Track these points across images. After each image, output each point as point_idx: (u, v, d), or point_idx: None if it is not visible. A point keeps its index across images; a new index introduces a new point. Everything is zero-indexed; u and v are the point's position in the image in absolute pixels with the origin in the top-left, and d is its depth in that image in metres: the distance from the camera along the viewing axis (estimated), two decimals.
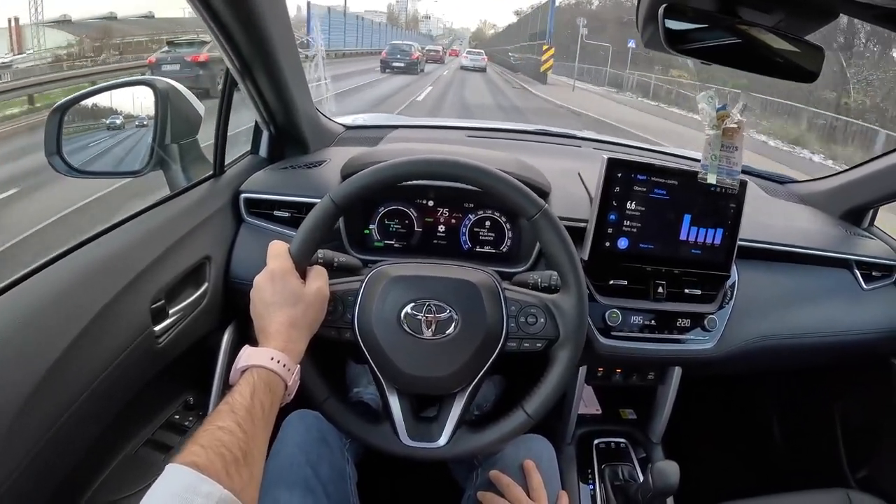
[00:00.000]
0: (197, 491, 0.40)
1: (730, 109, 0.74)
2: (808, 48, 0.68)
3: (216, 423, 0.46)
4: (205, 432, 0.45)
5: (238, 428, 0.46)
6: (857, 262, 0.97)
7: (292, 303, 0.58)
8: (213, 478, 0.41)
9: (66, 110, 0.79)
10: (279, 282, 0.59)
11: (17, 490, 0.47)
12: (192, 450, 0.43)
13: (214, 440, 0.45)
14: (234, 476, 0.43)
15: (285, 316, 0.57)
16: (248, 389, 0.50)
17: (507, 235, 0.89)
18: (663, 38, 0.64)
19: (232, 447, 0.45)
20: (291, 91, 0.85)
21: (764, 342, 0.87)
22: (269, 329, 0.57)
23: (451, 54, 44.82)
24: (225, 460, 0.43)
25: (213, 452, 0.43)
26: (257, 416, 0.49)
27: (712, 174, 0.75)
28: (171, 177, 0.85)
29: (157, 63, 7.22)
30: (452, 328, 0.63)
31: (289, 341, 0.56)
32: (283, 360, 0.54)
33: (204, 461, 0.42)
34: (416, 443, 0.65)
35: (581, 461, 0.92)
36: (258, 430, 0.49)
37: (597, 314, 0.81)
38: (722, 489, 0.84)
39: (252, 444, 0.47)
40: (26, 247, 2.61)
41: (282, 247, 0.62)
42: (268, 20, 0.70)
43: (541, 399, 0.65)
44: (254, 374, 0.52)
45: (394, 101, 9.81)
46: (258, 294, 0.59)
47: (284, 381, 0.54)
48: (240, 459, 0.45)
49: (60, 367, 0.52)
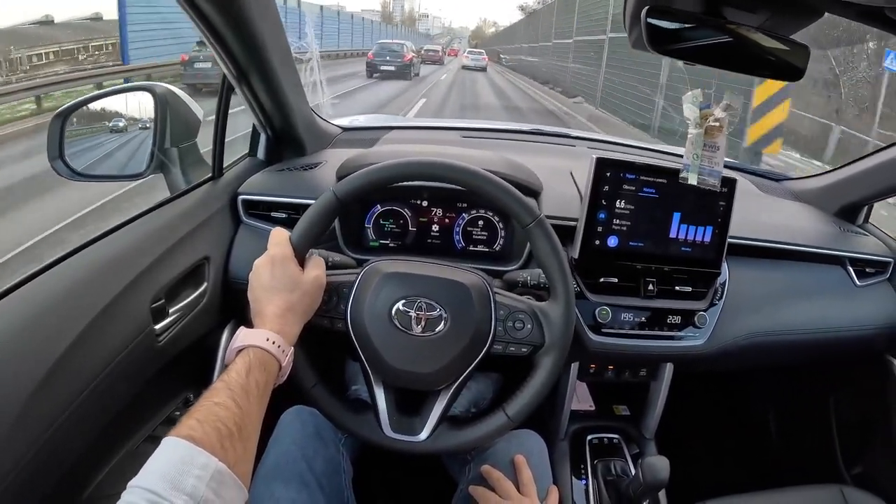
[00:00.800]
0: (193, 462, 0.42)
1: (713, 108, 0.75)
2: (794, 46, 0.69)
3: (212, 399, 0.48)
4: (201, 407, 0.47)
5: (234, 403, 0.48)
6: (851, 258, 0.98)
7: (290, 288, 0.60)
8: (209, 450, 0.43)
9: (69, 116, 0.81)
10: (279, 267, 0.61)
11: (19, 486, 0.48)
12: (188, 423, 0.45)
13: (210, 415, 0.46)
14: (229, 449, 0.45)
15: (282, 300, 0.59)
16: (244, 367, 0.52)
17: (500, 235, 0.90)
18: (646, 39, 0.64)
19: (227, 422, 0.46)
20: (287, 94, 0.87)
21: (755, 339, 0.88)
22: (266, 311, 0.58)
23: (450, 54, 42.77)
24: (220, 434, 0.45)
25: (209, 426, 0.45)
26: (252, 393, 0.51)
27: (693, 174, 0.75)
28: (171, 179, 0.87)
29: (189, 60, 7.48)
30: (441, 326, 0.64)
31: (284, 324, 0.58)
32: (277, 342, 0.56)
33: (200, 434, 0.44)
34: (398, 435, 0.66)
35: (574, 457, 0.93)
36: (253, 407, 0.50)
37: (587, 311, 0.82)
38: (715, 485, 0.84)
39: (247, 420, 0.48)
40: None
41: (283, 234, 0.65)
42: (258, 25, 0.72)
43: (522, 402, 0.66)
44: (249, 354, 0.54)
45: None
46: (257, 278, 0.61)
47: (279, 361, 0.56)
48: (234, 434, 0.46)
49: (62, 366, 0.53)
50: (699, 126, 0.77)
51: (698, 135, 0.77)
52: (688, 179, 0.77)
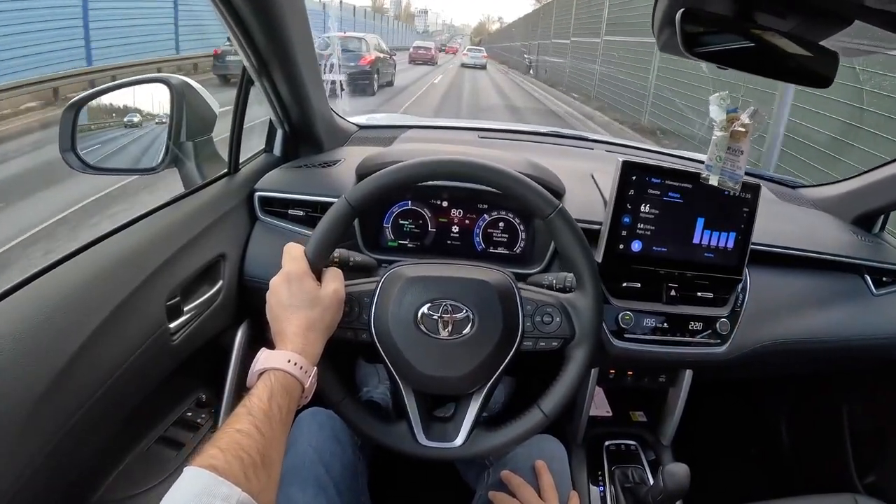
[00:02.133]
0: (215, 493, 0.40)
1: (740, 113, 0.74)
2: (823, 53, 0.69)
3: (234, 427, 0.46)
4: (223, 435, 0.46)
5: (256, 431, 0.47)
6: (868, 267, 0.97)
7: (309, 305, 0.58)
8: (232, 481, 0.41)
9: (81, 107, 0.79)
10: (295, 284, 0.59)
11: (31, 486, 0.47)
12: (210, 453, 0.43)
13: (233, 443, 0.45)
14: (253, 479, 0.43)
15: (302, 318, 0.57)
16: (266, 393, 0.50)
17: (521, 237, 0.89)
18: (681, 42, 0.64)
19: (250, 450, 0.45)
20: (307, 89, 0.85)
21: (775, 346, 0.87)
22: (286, 332, 0.57)
23: (448, 52, 40.38)
24: (243, 463, 0.43)
25: (232, 455, 0.43)
26: (275, 419, 0.49)
27: (715, 175, 0.75)
28: (186, 174, 0.86)
29: (221, 53, 7.61)
30: (469, 328, 0.63)
31: (306, 344, 0.56)
32: (300, 363, 0.54)
33: (222, 464, 0.42)
34: (432, 443, 0.65)
35: (591, 463, 0.92)
36: (276, 433, 0.49)
37: (610, 317, 0.81)
38: (730, 492, 0.84)
39: (270, 448, 0.47)
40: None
41: (297, 249, 0.62)
42: (287, 17, 0.70)
43: (557, 397, 0.65)
44: (271, 377, 0.52)
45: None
46: (274, 297, 0.59)
47: (301, 383, 0.54)
48: (258, 463, 0.45)
49: (76, 364, 0.52)
50: (724, 129, 0.77)
51: (723, 137, 0.77)
52: (709, 180, 0.77)
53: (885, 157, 1.12)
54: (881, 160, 1.08)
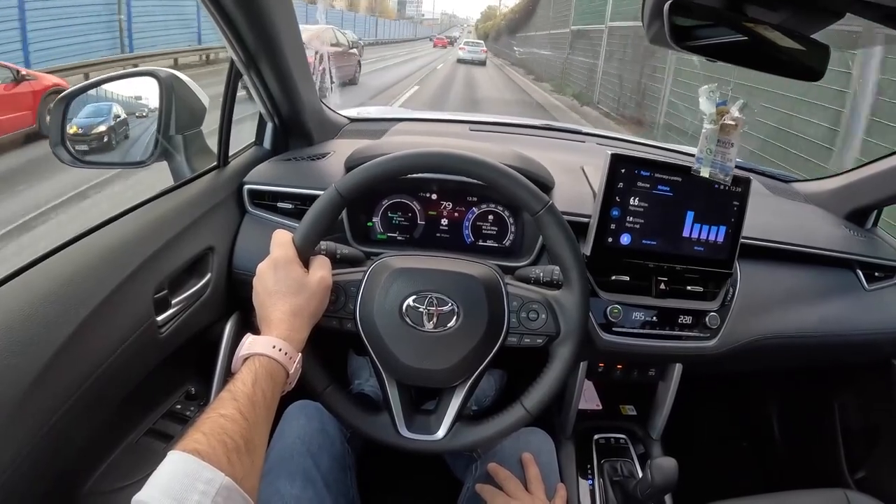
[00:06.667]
0: (198, 477, 0.41)
1: (729, 106, 0.74)
2: (814, 46, 0.68)
3: (218, 411, 0.47)
4: (207, 420, 0.46)
5: (240, 415, 0.47)
6: (860, 262, 0.97)
7: (295, 291, 0.58)
8: (215, 465, 0.42)
9: (71, 101, 0.79)
10: (282, 270, 0.59)
11: (18, 478, 0.47)
12: (194, 437, 0.44)
13: (216, 427, 0.45)
14: (236, 463, 0.44)
15: (288, 304, 0.57)
16: (250, 377, 0.51)
17: (510, 230, 0.89)
18: (669, 34, 0.63)
19: (234, 435, 0.45)
20: (296, 82, 0.85)
21: (765, 341, 0.87)
22: (272, 317, 0.57)
23: (436, 44, 34.58)
24: (227, 447, 0.44)
25: (215, 440, 0.44)
26: (259, 404, 0.49)
27: (706, 168, 0.75)
28: (176, 167, 0.85)
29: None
30: (454, 321, 0.63)
31: (291, 330, 0.56)
32: (284, 349, 0.54)
33: (206, 448, 0.43)
34: (414, 435, 0.65)
35: (580, 456, 0.92)
36: (259, 418, 0.49)
37: (598, 310, 0.81)
38: (720, 487, 0.84)
39: (253, 432, 0.47)
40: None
41: (285, 235, 0.63)
42: (273, 10, 0.70)
43: (539, 395, 0.65)
44: (255, 362, 0.52)
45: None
46: (261, 282, 0.60)
47: (286, 369, 0.54)
48: (241, 447, 0.45)
49: (63, 356, 0.52)
50: (714, 122, 0.77)
51: (713, 130, 0.77)
52: (699, 172, 0.77)
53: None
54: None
